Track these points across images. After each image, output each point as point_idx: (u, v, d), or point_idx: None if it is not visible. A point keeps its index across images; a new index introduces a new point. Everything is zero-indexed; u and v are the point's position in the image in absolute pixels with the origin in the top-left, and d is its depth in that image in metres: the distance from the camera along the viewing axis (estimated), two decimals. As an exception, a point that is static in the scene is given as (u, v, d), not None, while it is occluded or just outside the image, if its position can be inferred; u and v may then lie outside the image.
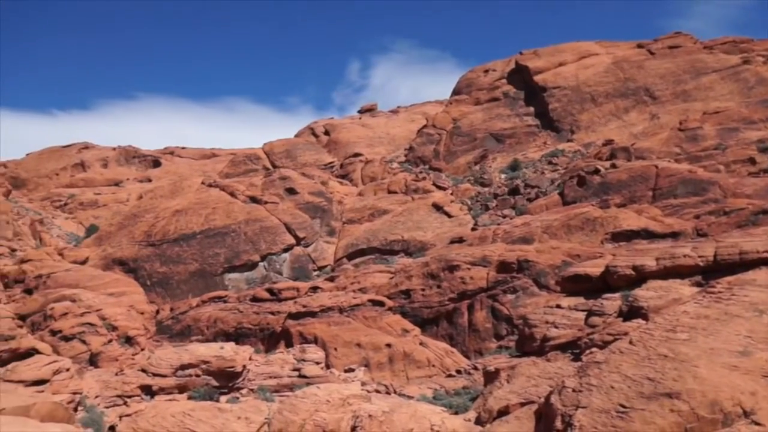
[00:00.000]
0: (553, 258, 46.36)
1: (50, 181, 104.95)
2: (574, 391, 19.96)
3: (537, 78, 78.03)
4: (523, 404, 24.30)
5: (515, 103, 78.59)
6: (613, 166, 58.37)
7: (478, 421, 25.97)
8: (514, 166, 71.06)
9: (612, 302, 28.25)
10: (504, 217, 61.49)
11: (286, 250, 64.84)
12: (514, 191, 65.68)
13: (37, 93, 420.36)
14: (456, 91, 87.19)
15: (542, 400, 22.50)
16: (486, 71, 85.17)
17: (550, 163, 68.87)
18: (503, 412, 24.61)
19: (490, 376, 30.35)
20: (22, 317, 44.44)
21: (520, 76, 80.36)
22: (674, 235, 46.64)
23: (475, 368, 40.22)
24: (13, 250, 65.05)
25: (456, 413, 28.62)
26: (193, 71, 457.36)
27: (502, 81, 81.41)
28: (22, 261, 58.20)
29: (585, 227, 50.91)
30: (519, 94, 79.20)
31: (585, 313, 29.24)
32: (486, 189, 68.82)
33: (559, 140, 73.72)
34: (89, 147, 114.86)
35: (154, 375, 36.91)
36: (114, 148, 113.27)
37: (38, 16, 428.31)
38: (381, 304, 47.36)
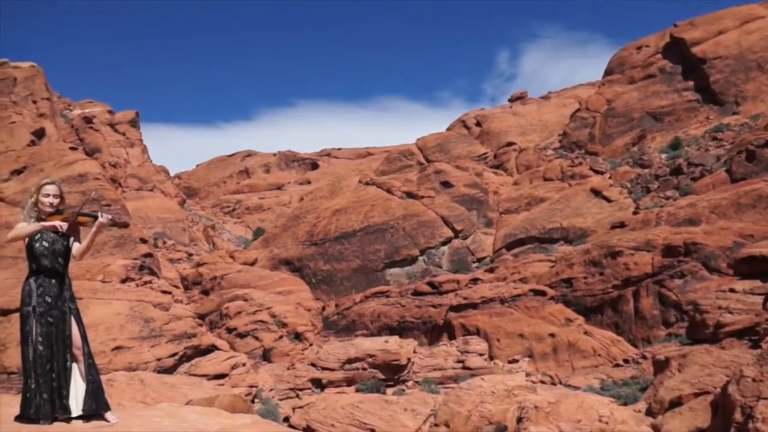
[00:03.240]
0: (724, 239, 43.82)
1: (219, 189, 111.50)
2: (754, 380, 18.89)
3: (695, 50, 73.71)
4: (697, 395, 23.29)
5: (672, 79, 74.69)
6: (788, 137, 54.21)
7: (649, 413, 25.14)
8: (675, 145, 67.60)
9: (792, 284, 26.43)
10: (667, 198, 58.74)
11: (444, 243, 65.28)
12: (676, 171, 62.54)
13: (206, 108, 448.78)
14: (608, 72, 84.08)
15: (718, 390, 21.46)
16: (639, 48, 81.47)
17: (714, 138, 64.95)
18: (676, 402, 23.70)
19: (660, 365, 29.22)
20: (201, 316, 47.66)
21: (676, 49, 76.19)
22: None
23: (644, 357, 38.83)
24: (190, 255, 69.80)
25: (625, 404, 27.85)
26: (348, 74, 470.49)
27: (657, 56, 77.56)
28: (199, 264, 62.36)
29: (758, 205, 47.66)
30: (676, 69, 75.15)
31: (762, 296, 27.55)
32: (646, 170, 65.97)
33: (723, 114, 69.30)
34: (252, 154, 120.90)
35: (323, 369, 38.47)
36: (274, 154, 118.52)
37: (204, 42, 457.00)
38: (542, 293, 46.72)
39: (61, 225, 6.53)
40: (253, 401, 32.25)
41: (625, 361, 40.32)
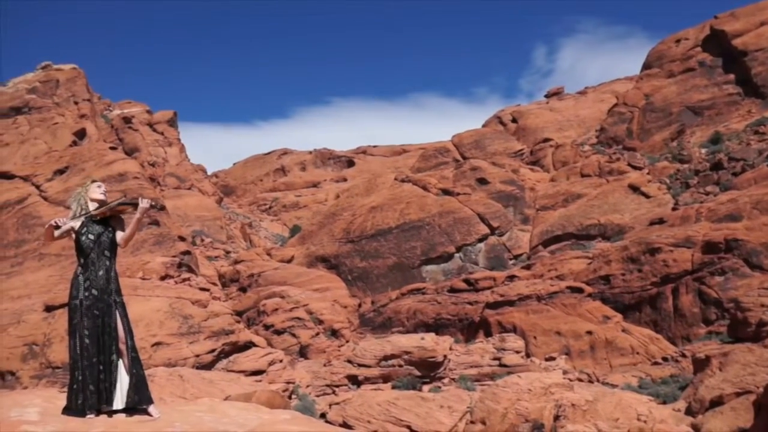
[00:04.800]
0: (766, 235, 43.00)
1: (255, 187, 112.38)
2: (796, 379, 18.56)
3: (736, 42, 72.33)
4: (738, 394, 22.92)
5: (712, 72, 73.44)
6: (833, 131, 52.96)
7: (689, 412, 24.82)
8: (716, 139, 66.50)
9: (837, 281, 25.85)
10: (707, 194, 57.81)
11: (480, 240, 65.04)
12: (717, 166, 61.52)
13: (243, 107, 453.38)
14: (646, 66, 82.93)
15: (761, 389, 21.10)
16: (677, 41, 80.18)
17: (756, 132, 63.70)
18: (716, 402, 23.35)
19: (700, 364, 28.84)
20: (239, 313, 48.16)
21: (716, 41, 74.84)
22: None
23: (683, 355, 38.32)
24: (228, 252, 70.52)
25: (664, 403, 27.54)
26: (383, 72, 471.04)
27: (696, 50, 76.29)
28: (236, 262, 62.98)
29: (802, 200, 46.71)
30: (716, 62, 73.84)
31: (806, 294, 27.03)
32: (685, 166, 65.03)
33: (766, 107, 67.92)
34: (288, 152, 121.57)
35: (360, 365, 38.61)
36: (310, 152, 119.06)
37: (241, 42, 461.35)
38: (580, 290, 46.36)
39: (56, 221, 6.76)
40: (290, 397, 32.54)
41: (664, 359, 39.84)
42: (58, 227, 6.75)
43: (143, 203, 6.87)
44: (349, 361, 39.16)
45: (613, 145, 75.59)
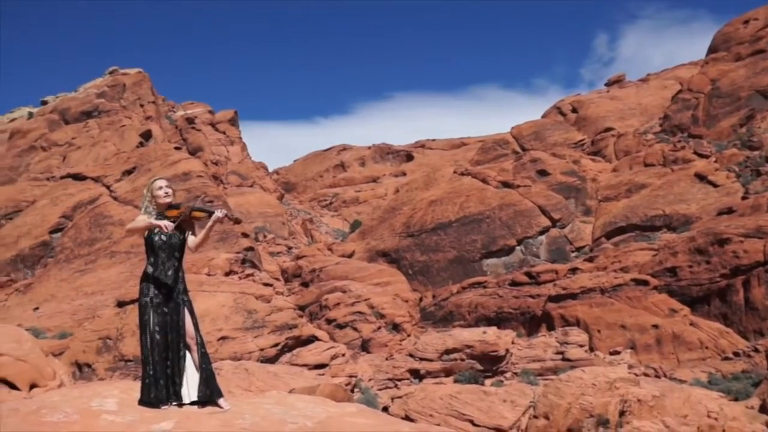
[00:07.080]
0: (842, 224, 41.47)
1: (315, 183, 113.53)
2: None
3: (810, 22, 69.56)
4: (815, 389, 22.19)
5: (785, 55, 70.86)
6: None
7: (763, 410, 24.11)
8: (789, 125, 64.23)
9: None
10: (779, 182, 55.95)
11: (541, 233, 64.38)
12: (789, 153, 59.44)
13: (304, 104, 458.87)
14: (712, 49, 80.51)
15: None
16: (746, 22, 77.52)
17: (832, 117, 61.33)
18: (791, 397, 22.65)
19: (774, 358, 28.01)
20: (302, 308, 48.76)
21: (788, 22, 72.13)
22: None
23: (756, 350, 37.24)
24: (290, 248, 71.44)
25: (735, 399, 26.84)
26: (443, 65, 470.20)
27: (766, 30, 73.76)
28: (298, 257, 63.75)
29: None
30: (789, 43, 71.24)
31: None
32: (756, 153, 62.95)
33: (843, 90, 65.33)
34: (347, 148, 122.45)
35: (421, 359, 38.72)
36: (369, 147, 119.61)
37: (301, 41, 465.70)
38: (645, 283, 45.46)
39: (166, 225, 6.87)
40: (352, 391, 32.85)
41: (735, 354, 38.75)
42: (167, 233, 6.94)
43: (219, 213, 7.05)
44: (411, 355, 39.30)
45: (677, 132, 73.76)
